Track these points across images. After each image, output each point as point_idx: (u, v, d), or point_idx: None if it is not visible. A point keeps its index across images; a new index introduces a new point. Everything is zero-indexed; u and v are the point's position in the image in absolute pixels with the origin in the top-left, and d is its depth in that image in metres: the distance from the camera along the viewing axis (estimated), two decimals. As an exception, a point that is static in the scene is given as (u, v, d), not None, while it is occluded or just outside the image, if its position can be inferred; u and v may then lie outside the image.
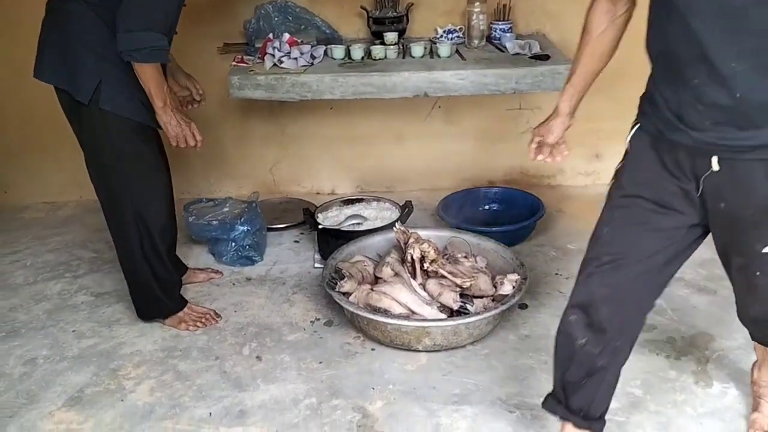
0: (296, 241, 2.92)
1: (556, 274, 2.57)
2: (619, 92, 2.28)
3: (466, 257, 2.37)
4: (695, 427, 1.82)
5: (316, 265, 2.67)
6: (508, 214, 2.89)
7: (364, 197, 2.92)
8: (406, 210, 2.70)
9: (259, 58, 2.69)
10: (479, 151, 3.24)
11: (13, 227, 3.15)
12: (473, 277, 2.20)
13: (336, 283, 2.22)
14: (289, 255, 2.80)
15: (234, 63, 2.67)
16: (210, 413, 1.92)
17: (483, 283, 2.22)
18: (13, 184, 3.35)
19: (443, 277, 2.19)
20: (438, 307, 2.15)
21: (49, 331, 2.34)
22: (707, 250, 1.49)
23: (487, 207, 3.01)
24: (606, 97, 2.45)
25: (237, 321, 2.36)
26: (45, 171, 3.30)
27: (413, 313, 2.14)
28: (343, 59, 2.71)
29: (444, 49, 2.69)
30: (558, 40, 2.87)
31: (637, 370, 2.00)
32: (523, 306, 2.36)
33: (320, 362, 2.13)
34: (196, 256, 2.80)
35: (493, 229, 2.67)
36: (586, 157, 3.26)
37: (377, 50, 2.69)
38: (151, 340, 2.27)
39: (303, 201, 3.16)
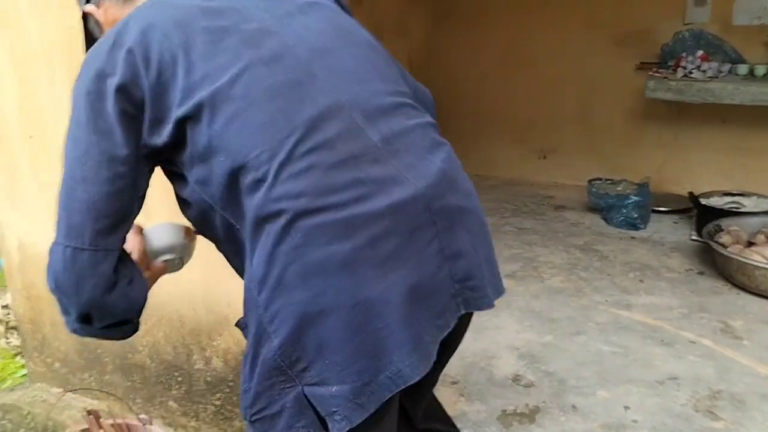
0: (675, 222, 3.55)
1: None
2: None
3: (840, 240, 2.73)
4: None
5: (693, 237, 3.26)
6: None
7: (745, 192, 3.40)
8: (786, 202, 3.12)
9: (672, 70, 3.43)
10: None
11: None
12: None
13: (715, 235, 2.82)
14: (668, 229, 3.45)
15: (651, 73, 3.47)
16: (605, 300, 2.71)
17: None
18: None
19: (815, 247, 2.62)
20: (805, 268, 2.59)
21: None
22: None
23: None
24: None
25: (623, 258, 3.11)
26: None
27: (781, 269, 2.62)
28: (745, 75, 3.28)
29: None
30: None
31: None
32: None
33: (691, 292, 2.75)
34: (590, 220, 3.64)
35: None
36: None
37: (779, 69, 3.20)
38: (559, 256, 3.17)
39: (682, 196, 3.75)
